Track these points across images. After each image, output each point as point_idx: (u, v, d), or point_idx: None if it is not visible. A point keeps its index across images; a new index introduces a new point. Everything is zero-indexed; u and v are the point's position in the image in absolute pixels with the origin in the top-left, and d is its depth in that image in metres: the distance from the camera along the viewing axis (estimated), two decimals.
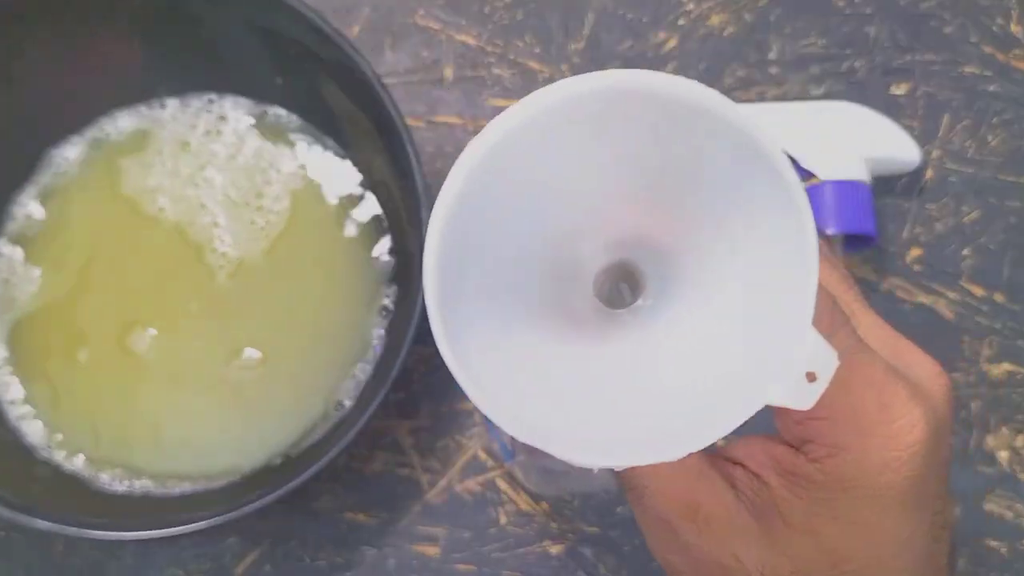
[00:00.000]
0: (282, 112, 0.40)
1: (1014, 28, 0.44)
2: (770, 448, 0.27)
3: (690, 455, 0.25)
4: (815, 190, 0.40)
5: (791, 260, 0.20)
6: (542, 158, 0.21)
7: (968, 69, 0.43)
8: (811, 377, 0.20)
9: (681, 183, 0.22)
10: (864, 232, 0.40)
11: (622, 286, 0.26)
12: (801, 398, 0.20)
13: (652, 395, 0.22)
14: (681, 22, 0.43)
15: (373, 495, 0.40)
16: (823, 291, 0.24)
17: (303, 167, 0.40)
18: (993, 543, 0.40)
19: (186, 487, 0.38)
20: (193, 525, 0.32)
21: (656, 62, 0.43)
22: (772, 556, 0.26)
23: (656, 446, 0.20)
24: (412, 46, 0.43)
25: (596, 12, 0.44)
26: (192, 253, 0.39)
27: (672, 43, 0.43)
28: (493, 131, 0.20)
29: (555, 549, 0.40)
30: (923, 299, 0.42)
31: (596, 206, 0.23)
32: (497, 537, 0.40)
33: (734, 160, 0.21)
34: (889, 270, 0.42)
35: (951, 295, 0.42)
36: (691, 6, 0.44)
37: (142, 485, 0.38)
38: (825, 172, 0.40)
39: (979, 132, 0.43)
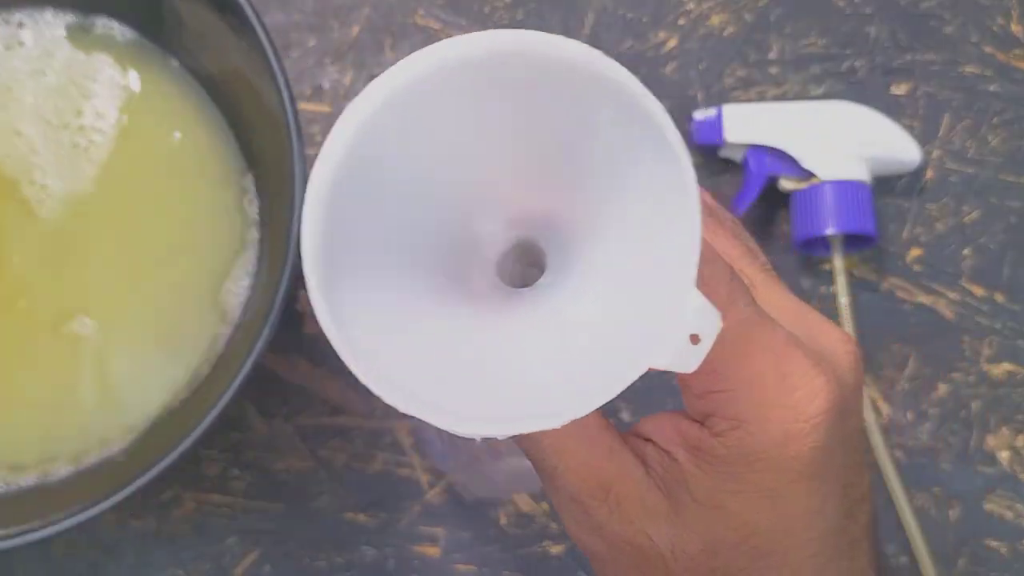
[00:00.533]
0: (113, 24, 0.34)
1: (1014, 28, 0.44)
2: (678, 423, 0.26)
3: (601, 434, 0.25)
4: (815, 190, 0.40)
5: (676, 223, 0.20)
6: (430, 123, 0.21)
7: (968, 69, 0.43)
8: (695, 339, 0.20)
9: (573, 150, 0.22)
10: (864, 232, 0.40)
11: (526, 267, 0.26)
12: (685, 360, 0.20)
13: (544, 367, 0.22)
14: (681, 22, 0.43)
15: (373, 495, 0.40)
16: (722, 262, 0.24)
17: (133, 86, 0.34)
18: (993, 543, 0.40)
19: (30, 479, 0.32)
20: (35, 534, 0.28)
21: (656, 62, 0.43)
22: (682, 533, 0.26)
23: (541, 415, 0.20)
24: (412, 46, 0.43)
25: (596, 12, 0.43)
26: (6, 188, 0.33)
27: (672, 43, 0.43)
28: (377, 91, 0.20)
29: (555, 549, 0.40)
30: (923, 299, 0.42)
31: (492, 179, 0.23)
32: (497, 537, 0.40)
33: (620, 122, 0.20)
34: (889, 270, 0.42)
35: (951, 295, 0.42)
36: (691, 6, 0.44)
37: None
38: (825, 172, 0.40)
39: (979, 132, 0.43)
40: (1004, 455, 0.41)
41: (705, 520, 0.26)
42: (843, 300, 0.40)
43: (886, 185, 0.42)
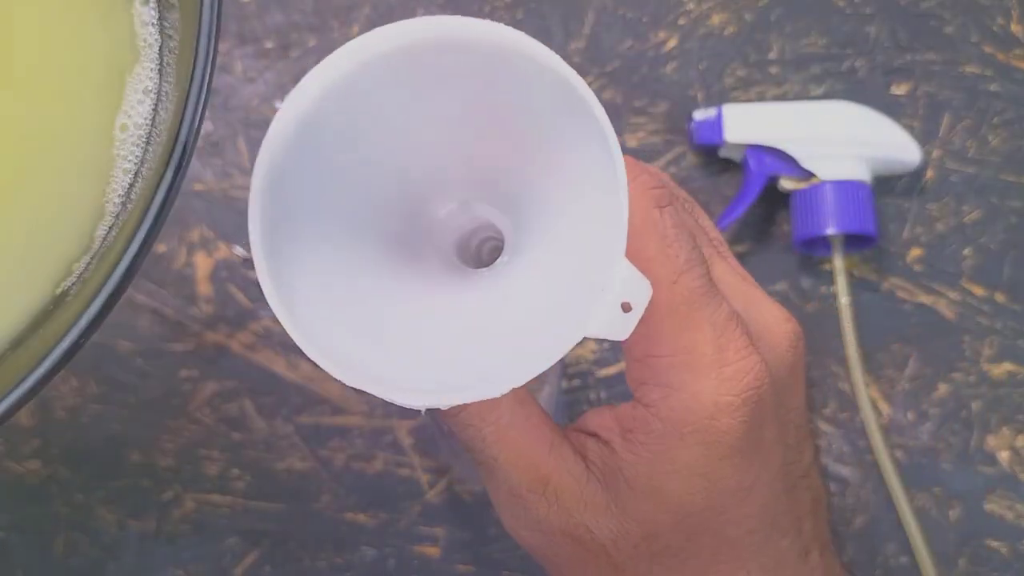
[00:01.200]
0: None
1: (1014, 28, 0.44)
2: (615, 410, 0.27)
3: (542, 428, 0.26)
4: (815, 190, 0.40)
5: (608, 199, 0.21)
6: (371, 110, 0.21)
7: (968, 69, 0.43)
8: (626, 307, 0.20)
9: (514, 132, 0.23)
10: (864, 232, 0.40)
11: (490, 249, 0.26)
12: (617, 328, 0.21)
13: (490, 342, 0.23)
14: (681, 21, 0.43)
15: (373, 495, 0.40)
16: (683, 232, 0.25)
17: None
18: (994, 543, 0.40)
19: None
20: None
21: (656, 62, 0.43)
22: (622, 523, 0.26)
23: (479, 385, 0.20)
24: None
25: (596, 11, 0.43)
26: None
27: (672, 42, 0.43)
28: (313, 81, 0.20)
29: None
30: (924, 299, 0.42)
31: (441, 163, 0.23)
32: (497, 537, 0.40)
33: (553, 103, 0.21)
34: (890, 270, 0.42)
35: (952, 295, 0.42)
36: (691, 5, 0.44)
37: None
38: (825, 172, 0.40)
39: (980, 132, 0.43)
40: (1004, 455, 0.41)
41: (643, 507, 0.26)
42: (843, 300, 0.40)
43: (886, 185, 0.42)
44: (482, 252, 0.27)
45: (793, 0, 0.44)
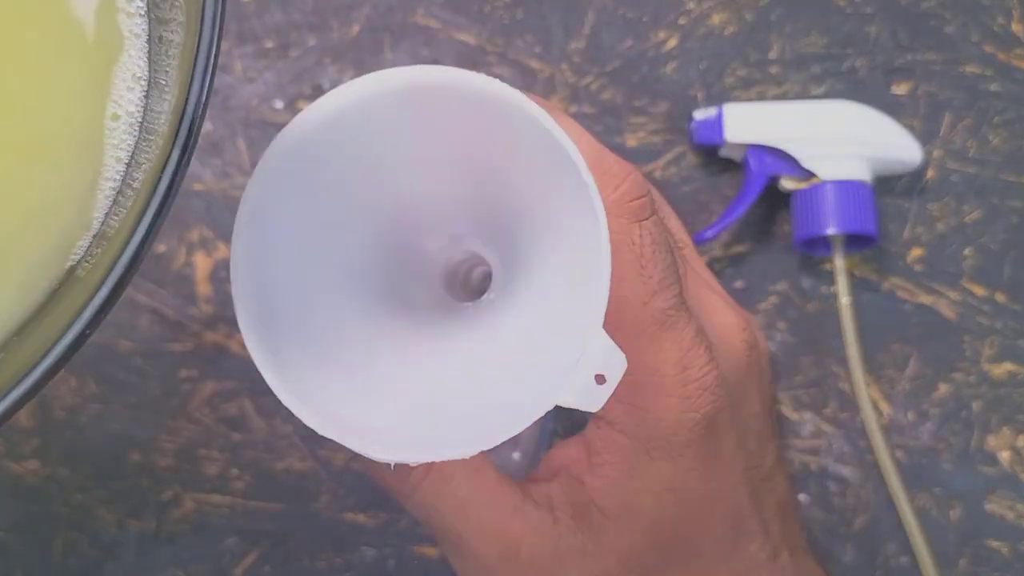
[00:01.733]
0: None
1: (1015, 27, 0.44)
2: (581, 437, 0.27)
3: (502, 491, 0.26)
4: (815, 190, 0.40)
5: (589, 261, 0.20)
6: (360, 149, 0.22)
7: (969, 68, 0.43)
8: (600, 380, 0.20)
9: (503, 179, 0.22)
10: (865, 232, 0.40)
11: (478, 281, 0.26)
12: (590, 399, 0.20)
13: (465, 393, 0.22)
14: (682, 21, 0.43)
15: (373, 495, 0.40)
16: (661, 248, 0.25)
17: None
18: (994, 544, 0.40)
19: None
20: None
21: (656, 61, 0.43)
22: (599, 560, 0.26)
23: (452, 445, 0.20)
24: (412, 45, 0.43)
25: (596, 11, 0.43)
26: None
27: (672, 42, 0.43)
28: (302, 119, 0.21)
29: None
30: (924, 299, 0.42)
31: (432, 201, 0.23)
32: None
33: (544, 155, 0.21)
34: (890, 270, 0.42)
35: (952, 295, 0.42)
36: (692, 5, 0.43)
37: None
38: (825, 172, 0.40)
39: (980, 131, 0.43)
40: (1005, 455, 0.41)
41: (618, 532, 0.26)
42: (844, 300, 0.40)
43: (887, 185, 0.42)
44: (471, 279, 0.27)
45: (793, 0, 0.44)
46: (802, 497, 0.40)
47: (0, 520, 0.40)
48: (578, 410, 0.21)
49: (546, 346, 0.22)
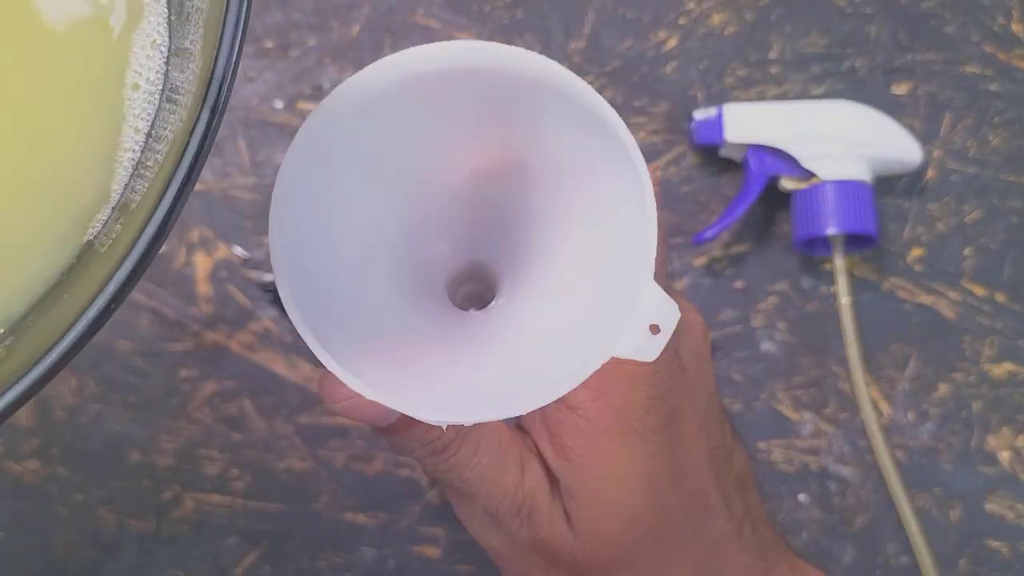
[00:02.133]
0: None
1: (1015, 27, 0.44)
2: (541, 412, 0.28)
3: (512, 453, 0.27)
4: (815, 190, 0.40)
5: (632, 220, 0.21)
6: (398, 124, 0.22)
7: (969, 68, 0.43)
8: (655, 329, 0.21)
9: (529, 162, 0.23)
10: (865, 232, 0.40)
11: (479, 289, 0.27)
12: (646, 350, 0.21)
13: (502, 368, 0.23)
14: (682, 21, 0.43)
15: (373, 495, 0.40)
16: (661, 244, 0.26)
17: None
18: (994, 543, 0.40)
19: None
20: None
21: (657, 61, 0.43)
22: (577, 536, 0.27)
23: (509, 403, 0.21)
24: (412, 45, 0.43)
25: (596, 11, 0.43)
26: None
27: (673, 42, 0.43)
28: (349, 88, 0.21)
29: None
30: (924, 299, 0.42)
31: (441, 203, 0.24)
32: None
33: (578, 124, 0.21)
34: (890, 270, 0.42)
35: (952, 295, 0.42)
36: (692, 5, 0.43)
37: None
38: (825, 172, 0.40)
39: (980, 131, 0.43)
40: (1005, 455, 0.41)
41: (590, 517, 0.27)
42: (844, 300, 0.40)
43: (887, 185, 0.42)
44: (472, 292, 0.27)
45: (793, 0, 0.44)
46: (802, 497, 0.40)
47: (0, 520, 0.40)
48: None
49: (585, 314, 0.22)
